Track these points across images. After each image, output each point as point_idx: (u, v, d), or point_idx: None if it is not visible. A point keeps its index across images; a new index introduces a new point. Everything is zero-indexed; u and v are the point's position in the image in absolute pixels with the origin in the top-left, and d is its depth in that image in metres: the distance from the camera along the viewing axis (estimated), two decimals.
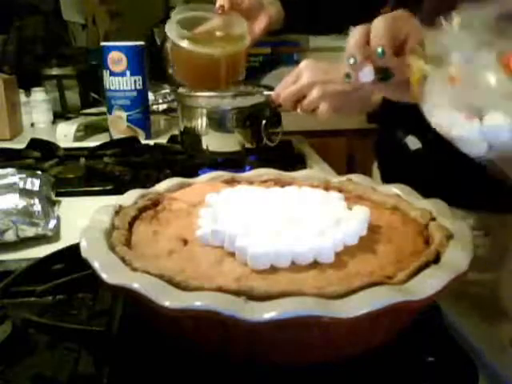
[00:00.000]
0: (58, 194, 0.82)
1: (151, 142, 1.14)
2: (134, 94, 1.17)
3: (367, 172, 1.00)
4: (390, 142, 0.83)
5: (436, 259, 0.42)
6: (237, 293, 0.37)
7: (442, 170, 0.73)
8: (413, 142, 0.76)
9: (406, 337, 0.42)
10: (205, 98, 0.99)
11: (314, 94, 0.73)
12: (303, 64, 0.76)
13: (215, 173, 0.64)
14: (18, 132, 1.31)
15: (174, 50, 0.93)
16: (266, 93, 0.92)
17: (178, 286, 0.38)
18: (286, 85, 0.77)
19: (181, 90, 1.02)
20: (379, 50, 0.49)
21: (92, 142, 1.16)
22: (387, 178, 0.83)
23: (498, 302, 0.72)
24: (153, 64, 1.83)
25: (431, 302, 0.39)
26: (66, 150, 1.07)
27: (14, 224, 0.65)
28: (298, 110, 0.76)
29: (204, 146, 0.96)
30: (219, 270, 0.41)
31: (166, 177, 0.63)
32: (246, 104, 0.95)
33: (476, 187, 0.65)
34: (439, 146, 0.45)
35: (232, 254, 0.43)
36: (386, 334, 0.41)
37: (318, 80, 0.73)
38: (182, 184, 0.60)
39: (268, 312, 0.35)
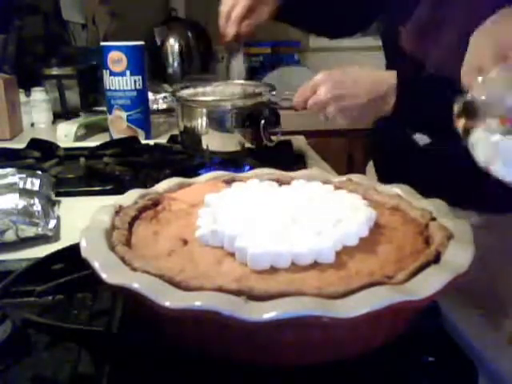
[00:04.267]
0: (58, 194, 0.82)
1: (151, 142, 1.14)
2: (134, 93, 1.17)
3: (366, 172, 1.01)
4: (394, 139, 0.84)
5: (436, 259, 0.42)
6: (237, 293, 0.37)
7: (448, 166, 0.75)
8: (421, 139, 0.78)
9: (406, 337, 0.42)
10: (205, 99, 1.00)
11: (331, 109, 0.79)
12: (319, 78, 0.80)
13: (215, 173, 0.64)
14: (18, 132, 1.31)
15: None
16: (274, 94, 0.96)
17: (178, 286, 0.38)
18: (304, 95, 0.82)
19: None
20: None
21: (92, 142, 1.16)
22: (383, 178, 0.84)
23: (497, 298, 0.73)
24: (153, 64, 1.83)
25: (431, 302, 0.39)
26: (66, 149, 1.07)
27: (14, 224, 0.65)
28: (321, 118, 0.82)
29: (204, 146, 0.96)
30: (219, 270, 0.41)
31: (166, 177, 0.63)
32: (247, 104, 0.96)
33: (478, 187, 0.65)
34: (447, 140, 0.46)
35: (232, 254, 0.42)
36: (386, 334, 0.41)
37: (334, 96, 0.78)
38: (182, 184, 0.60)
39: (268, 312, 0.35)
